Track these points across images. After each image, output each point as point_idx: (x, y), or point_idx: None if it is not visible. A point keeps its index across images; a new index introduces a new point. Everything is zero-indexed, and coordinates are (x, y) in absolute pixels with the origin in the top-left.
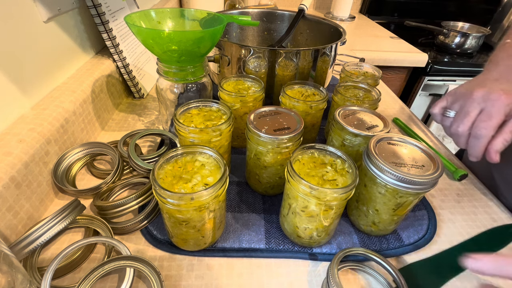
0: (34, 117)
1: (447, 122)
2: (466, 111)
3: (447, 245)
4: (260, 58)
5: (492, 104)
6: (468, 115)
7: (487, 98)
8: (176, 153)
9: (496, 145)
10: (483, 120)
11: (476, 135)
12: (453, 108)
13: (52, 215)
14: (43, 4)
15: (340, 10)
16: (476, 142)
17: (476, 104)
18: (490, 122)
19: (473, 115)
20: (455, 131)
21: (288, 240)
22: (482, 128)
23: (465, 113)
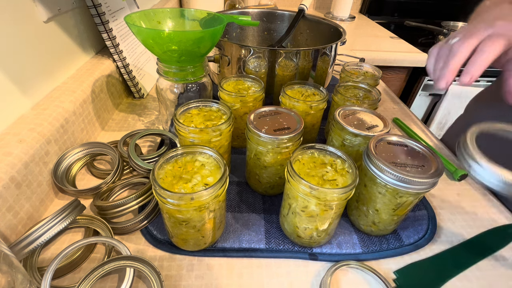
0: (34, 117)
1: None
2: (474, 32)
3: (447, 245)
4: (260, 58)
5: (500, 28)
6: (477, 33)
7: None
8: (176, 153)
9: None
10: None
11: (480, 50)
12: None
13: (52, 215)
14: (43, 4)
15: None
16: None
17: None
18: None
19: (481, 34)
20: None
21: (288, 240)
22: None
23: (473, 33)
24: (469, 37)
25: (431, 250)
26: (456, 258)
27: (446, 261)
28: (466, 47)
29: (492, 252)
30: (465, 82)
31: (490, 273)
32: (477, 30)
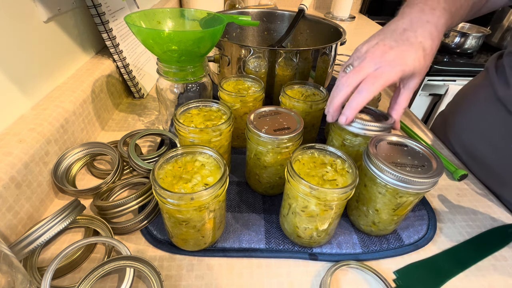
0: (34, 117)
1: (342, 77)
2: (362, 67)
3: (447, 245)
4: (260, 58)
5: (387, 67)
6: (362, 70)
7: (384, 57)
8: (176, 153)
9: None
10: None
11: (359, 90)
12: (354, 63)
13: (52, 215)
14: (43, 4)
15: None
16: (357, 96)
17: (372, 64)
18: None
19: (366, 72)
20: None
21: (288, 240)
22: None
23: (360, 69)
24: (355, 73)
25: (431, 250)
26: (456, 258)
27: (446, 261)
28: (349, 86)
29: (492, 252)
30: (342, 123)
31: (490, 273)
32: (365, 66)
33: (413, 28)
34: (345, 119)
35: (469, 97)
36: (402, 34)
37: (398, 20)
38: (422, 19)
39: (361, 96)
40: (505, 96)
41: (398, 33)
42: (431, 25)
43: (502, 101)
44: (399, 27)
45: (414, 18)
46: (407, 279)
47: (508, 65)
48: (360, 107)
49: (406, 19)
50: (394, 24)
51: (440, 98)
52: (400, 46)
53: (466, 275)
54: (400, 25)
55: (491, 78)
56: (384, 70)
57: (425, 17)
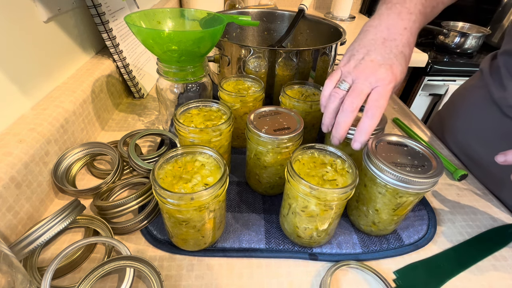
0: (34, 117)
1: (338, 94)
2: (361, 89)
3: (447, 245)
4: (260, 58)
5: (383, 88)
6: (362, 93)
7: (379, 78)
8: (176, 153)
9: None
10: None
11: (368, 115)
12: (347, 79)
13: (52, 215)
14: (43, 4)
15: (340, 10)
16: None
17: (367, 83)
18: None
19: (365, 93)
20: (349, 107)
21: (288, 240)
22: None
23: (360, 91)
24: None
25: (431, 250)
26: (456, 258)
27: (446, 261)
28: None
29: (492, 252)
30: (358, 148)
31: (490, 273)
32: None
33: (392, 36)
34: (360, 144)
35: (464, 98)
36: (384, 45)
37: (375, 26)
38: (399, 25)
39: (371, 121)
40: (500, 98)
41: (379, 44)
42: (407, 32)
43: (496, 102)
44: (378, 37)
45: (391, 25)
46: (407, 279)
47: (503, 66)
48: (371, 132)
49: (383, 25)
50: (372, 32)
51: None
52: (386, 62)
53: (466, 275)
54: (379, 34)
55: (486, 79)
56: (381, 90)
57: (402, 23)
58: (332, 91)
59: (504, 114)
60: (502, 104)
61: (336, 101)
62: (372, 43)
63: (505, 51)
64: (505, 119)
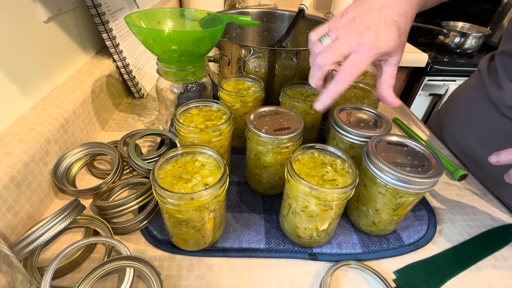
0: (34, 117)
1: (317, 48)
2: (338, 47)
3: (447, 245)
4: (260, 58)
5: (362, 51)
6: (338, 50)
7: (360, 42)
8: (176, 153)
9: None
10: (348, 66)
11: (336, 81)
12: (331, 35)
13: (52, 215)
14: (43, 4)
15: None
16: (334, 86)
17: (348, 45)
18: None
19: (342, 53)
20: (320, 62)
21: (288, 240)
22: (344, 74)
23: (336, 49)
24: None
25: (431, 250)
26: (456, 258)
27: (446, 261)
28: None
29: (492, 252)
30: (319, 109)
31: (490, 273)
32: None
33: (389, 4)
34: (321, 105)
35: (462, 98)
36: (380, 11)
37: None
38: None
39: (338, 86)
40: (497, 97)
41: (375, 9)
42: (407, 4)
43: (493, 102)
44: (376, 1)
45: None
46: (407, 279)
47: (500, 66)
48: (336, 96)
49: None
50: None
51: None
52: (375, 26)
53: (466, 275)
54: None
55: (483, 79)
56: (359, 56)
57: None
58: (314, 44)
59: (502, 114)
60: (499, 104)
61: (314, 56)
62: (369, 6)
63: (502, 51)
64: (503, 119)
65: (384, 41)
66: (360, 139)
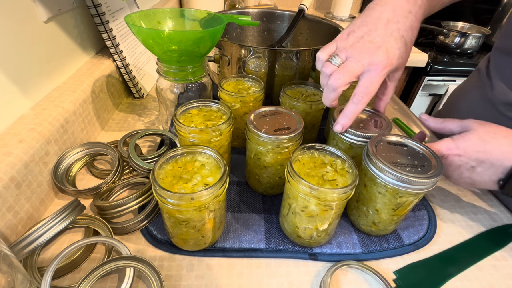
0: (34, 117)
1: (328, 69)
2: (350, 69)
3: (447, 245)
4: (260, 58)
5: (374, 71)
6: (351, 74)
7: (372, 62)
8: (176, 153)
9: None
10: (362, 91)
11: (353, 102)
12: (340, 55)
13: (52, 215)
14: (43, 4)
15: (340, 10)
16: (353, 107)
17: (360, 65)
18: (368, 95)
19: (354, 75)
20: (335, 84)
21: (288, 240)
22: (360, 98)
23: (348, 71)
24: (345, 74)
25: (431, 250)
26: (456, 258)
27: (446, 261)
28: (339, 88)
29: (492, 252)
30: (338, 131)
31: (490, 273)
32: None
33: (396, 18)
34: (341, 128)
35: (462, 98)
36: (386, 27)
37: (381, 5)
38: (404, 8)
39: (356, 107)
40: (493, 96)
41: (382, 25)
42: (413, 16)
43: (491, 101)
44: (382, 17)
45: (397, 7)
46: (407, 279)
47: (492, 63)
48: (355, 116)
49: (390, 6)
50: (377, 11)
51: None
52: (385, 44)
53: (466, 275)
54: (384, 15)
55: (482, 78)
56: (372, 76)
57: (408, 5)
58: (323, 64)
59: (500, 112)
60: (496, 102)
61: (326, 77)
62: (375, 23)
63: (496, 48)
64: (502, 118)
65: (395, 59)
66: (360, 139)
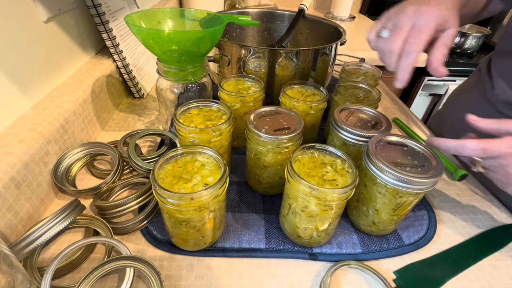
0: (34, 117)
1: (381, 43)
2: (399, 26)
3: (447, 245)
4: (260, 58)
5: (422, 18)
6: (401, 29)
7: (417, 12)
8: (176, 153)
9: (437, 56)
10: (414, 35)
11: (407, 52)
12: (387, 27)
13: (52, 215)
14: (43, 4)
15: (340, 10)
16: (406, 59)
17: (407, 19)
18: (421, 36)
19: (405, 29)
20: (389, 48)
21: (288, 240)
22: (413, 44)
23: (398, 29)
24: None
25: (431, 250)
26: (456, 258)
27: (446, 261)
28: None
29: (492, 252)
30: (399, 87)
31: (490, 273)
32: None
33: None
34: (401, 83)
35: (463, 98)
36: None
37: None
38: None
39: (410, 58)
40: (492, 97)
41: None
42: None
43: (490, 100)
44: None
45: None
46: (407, 279)
47: (494, 64)
48: (412, 67)
49: None
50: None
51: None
52: (430, 3)
53: (466, 275)
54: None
55: (483, 78)
56: (422, 23)
57: None
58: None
59: (499, 111)
60: (496, 100)
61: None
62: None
63: (497, 51)
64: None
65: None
66: (360, 139)
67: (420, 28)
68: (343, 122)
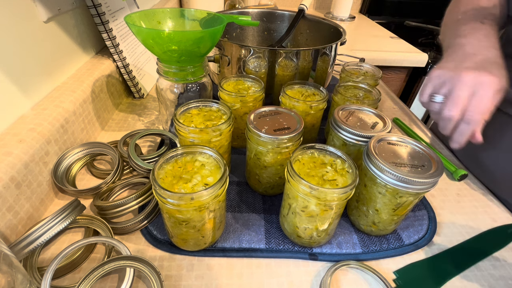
0: (34, 117)
1: (435, 107)
2: (457, 95)
3: (447, 245)
4: (260, 58)
5: (484, 88)
6: (459, 99)
7: (477, 80)
8: (176, 153)
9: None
10: (476, 105)
11: (468, 120)
12: (441, 92)
13: (52, 215)
14: (43, 4)
15: (340, 10)
16: (466, 127)
17: (466, 88)
18: (481, 107)
19: (464, 97)
20: (447, 116)
21: (288, 240)
22: (475, 114)
23: (456, 97)
24: (455, 105)
25: (431, 250)
26: (456, 258)
27: (446, 261)
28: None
29: (492, 252)
30: (456, 147)
31: (490, 273)
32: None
33: (481, 52)
34: (458, 145)
35: None
36: (476, 57)
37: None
38: (481, 45)
39: (471, 125)
40: None
41: (470, 57)
42: (493, 48)
43: None
44: (467, 52)
45: (475, 45)
46: (407, 279)
47: None
48: (469, 134)
49: (467, 47)
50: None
51: None
52: (485, 67)
53: (466, 275)
54: (467, 50)
55: None
56: (483, 94)
57: (483, 43)
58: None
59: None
60: None
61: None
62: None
63: None
64: (502, 115)
65: (500, 76)
66: (360, 139)
67: (482, 98)
68: (343, 122)
